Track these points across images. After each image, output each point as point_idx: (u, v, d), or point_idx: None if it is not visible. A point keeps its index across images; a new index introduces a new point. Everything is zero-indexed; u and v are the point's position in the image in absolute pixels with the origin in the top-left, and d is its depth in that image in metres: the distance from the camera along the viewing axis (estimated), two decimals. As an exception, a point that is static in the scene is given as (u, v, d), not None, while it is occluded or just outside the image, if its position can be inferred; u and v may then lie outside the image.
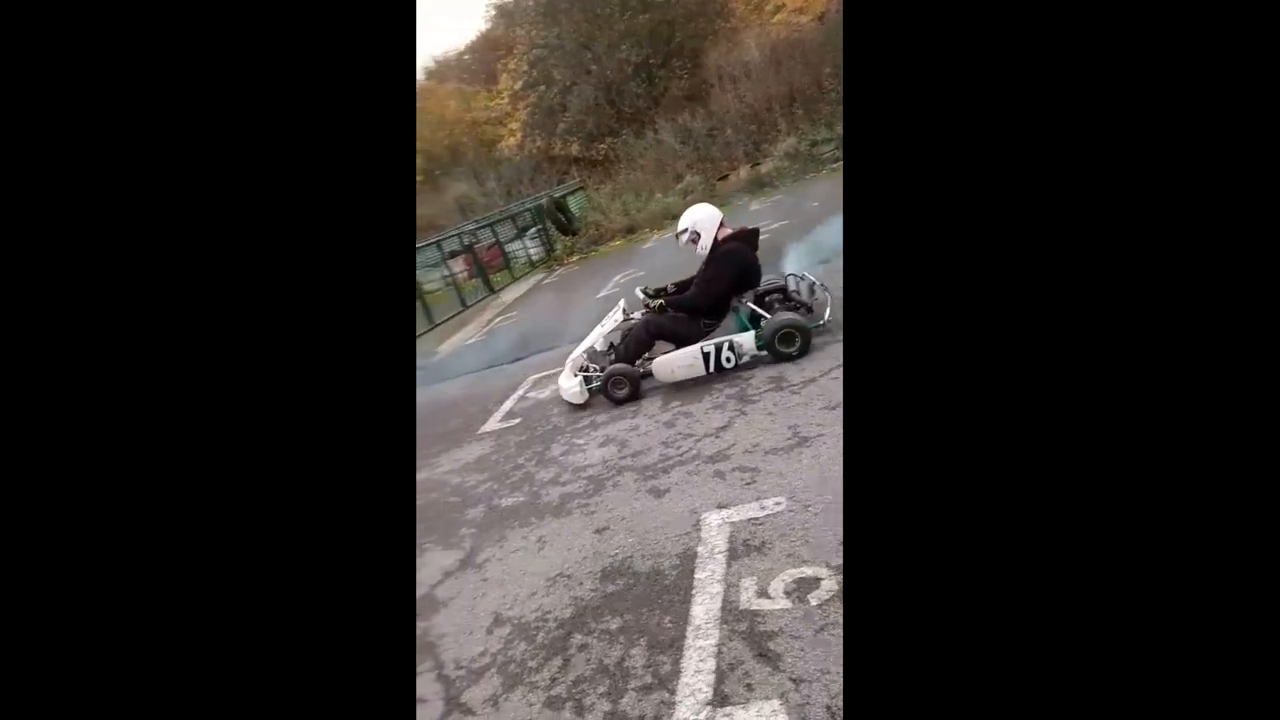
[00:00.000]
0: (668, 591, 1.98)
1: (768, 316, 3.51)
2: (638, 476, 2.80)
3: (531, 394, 4.49)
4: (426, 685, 1.98)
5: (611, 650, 1.84)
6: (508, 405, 4.33)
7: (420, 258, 9.03)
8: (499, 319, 8.22)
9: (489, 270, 10.44)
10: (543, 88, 17.99)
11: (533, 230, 11.99)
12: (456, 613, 2.31)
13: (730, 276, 3.64)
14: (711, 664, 1.63)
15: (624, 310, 3.98)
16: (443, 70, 28.77)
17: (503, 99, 21.88)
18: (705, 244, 3.70)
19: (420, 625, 2.30)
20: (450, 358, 7.14)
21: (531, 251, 11.76)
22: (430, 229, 16.98)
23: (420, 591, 2.53)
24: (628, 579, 2.13)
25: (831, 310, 3.62)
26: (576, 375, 3.83)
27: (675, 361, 3.59)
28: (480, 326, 8.11)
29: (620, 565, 2.22)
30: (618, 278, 7.87)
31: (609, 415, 3.63)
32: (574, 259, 11.27)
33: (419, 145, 25.68)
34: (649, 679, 1.68)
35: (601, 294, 7.15)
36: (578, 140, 17.54)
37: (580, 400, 3.83)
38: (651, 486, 2.67)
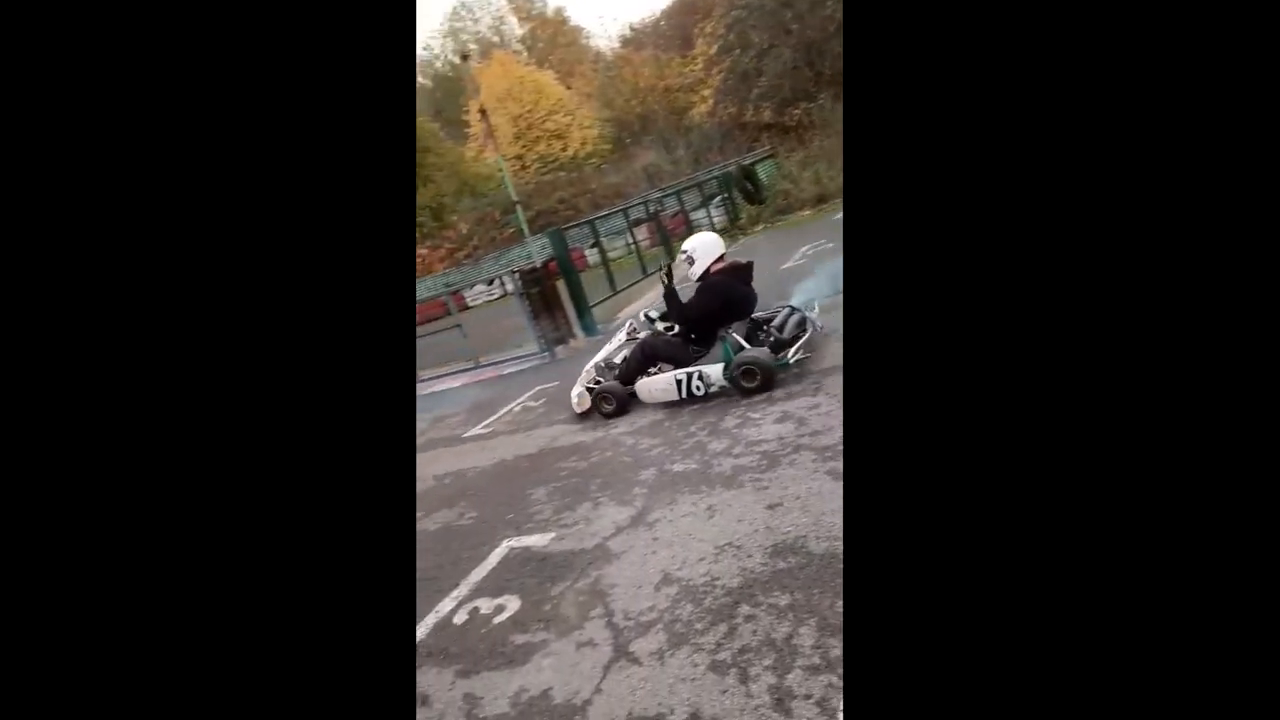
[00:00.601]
0: (841, 577, 1.93)
1: (747, 348, 3.68)
2: (816, 456, 2.73)
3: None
4: (596, 630, 2.12)
5: (779, 626, 1.84)
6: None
7: (606, 225, 9.41)
8: (679, 287, 8.35)
9: (671, 238, 10.62)
10: (738, 51, 17.71)
11: (718, 199, 11.97)
12: (627, 566, 2.43)
13: (707, 307, 3.86)
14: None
15: (628, 331, 4.41)
16: (639, 37, 29.38)
17: (696, 64, 21.89)
18: (697, 271, 3.98)
19: (593, 573, 2.46)
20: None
21: (715, 220, 11.76)
22: (618, 197, 17.59)
23: (593, 542, 2.69)
24: (800, 558, 2.11)
25: (809, 347, 3.82)
26: (581, 386, 4.25)
27: (654, 385, 3.96)
28: (660, 294, 8.31)
29: (793, 543, 2.20)
30: (805, 249, 7.62)
31: (786, 392, 3.57)
32: (759, 229, 11.09)
33: (611, 114, 26.57)
34: (817, 660, 1.66)
35: (786, 265, 6.98)
36: (771, 106, 17.10)
37: (581, 409, 4.26)
38: (831, 468, 2.60)
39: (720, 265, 3.99)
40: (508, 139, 25.75)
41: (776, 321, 3.99)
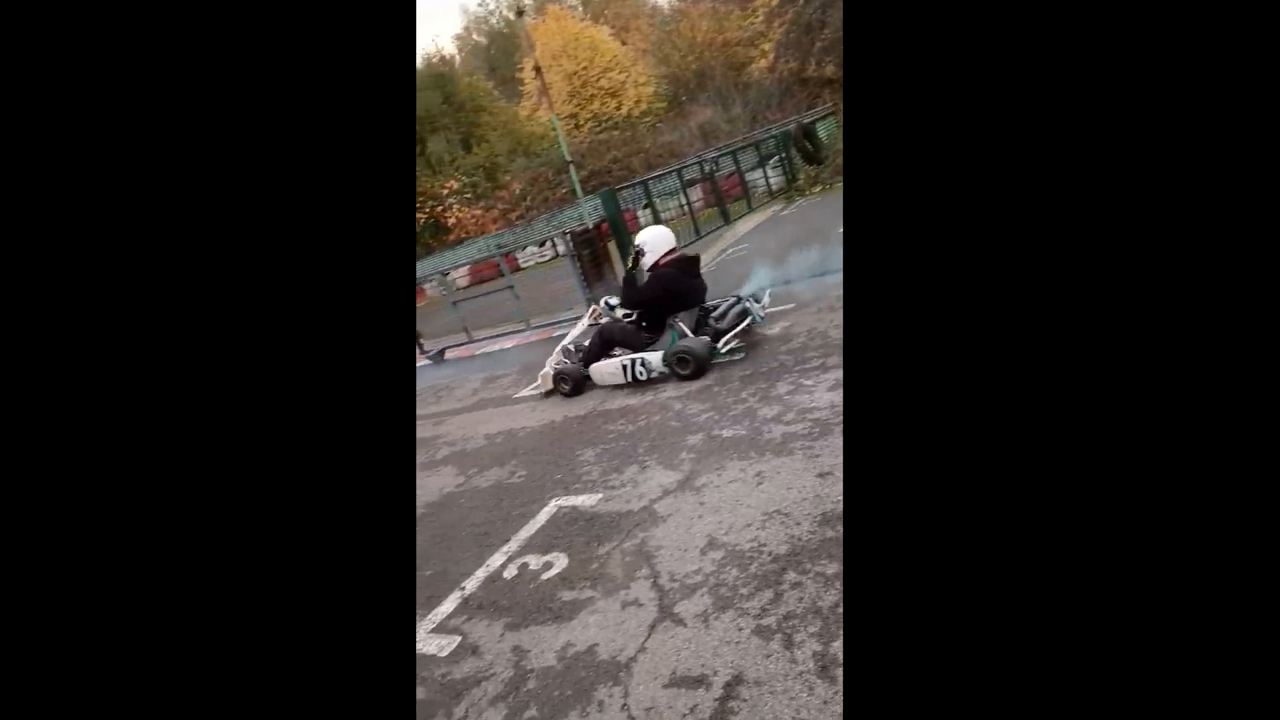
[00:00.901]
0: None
1: (689, 335, 4.05)
2: (869, 426, 2.68)
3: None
4: (642, 590, 2.15)
5: (826, 594, 1.83)
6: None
7: (659, 185, 9.29)
8: (731, 251, 8.23)
9: (726, 199, 10.43)
10: (801, 2, 17.00)
11: (775, 158, 11.66)
12: (673, 529, 2.46)
13: (655, 295, 4.26)
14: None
15: (592, 317, 4.77)
16: (697, -11, 28.48)
17: (757, 17, 21.14)
18: (647, 262, 4.36)
19: (639, 535, 2.49)
20: (682, 286, 7.36)
21: (772, 181, 11.47)
22: (672, 156, 17.32)
23: (640, 504, 2.72)
24: (849, 528, 2.08)
25: (745, 336, 4.20)
26: (549, 367, 4.63)
27: (604, 369, 4.35)
28: (711, 257, 8.21)
29: (842, 513, 2.17)
30: (864, 213, 7.37)
31: (840, 360, 3.50)
32: (817, 190, 10.78)
33: (667, 70, 26.02)
34: (864, 632, 1.65)
35: (843, 229, 6.78)
36: (834, 60, 16.42)
37: (545, 389, 4.68)
38: (884, 438, 2.54)
39: (670, 257, 4.38)
40: (562, 97, 25.56)
41: (718, 311, 4.32)
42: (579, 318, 7.32)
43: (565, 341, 4.85)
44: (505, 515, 3.10)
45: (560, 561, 2.52)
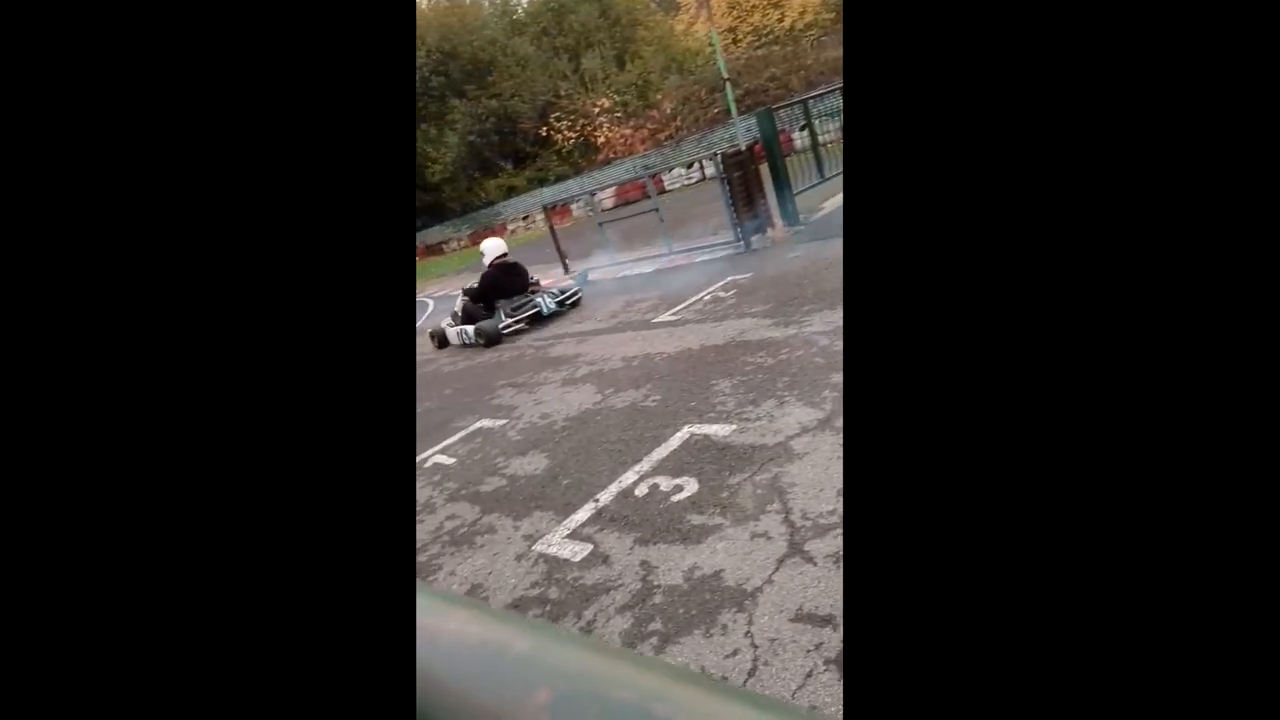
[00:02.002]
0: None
1: (502, 317, 6.54)
2: (1042, 380, 2.45)
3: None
4: (772, 524, 2.15)
5: (973, 555, 1.74)
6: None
7: (820, 105, 8.70)
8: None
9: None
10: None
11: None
12: (809, 468, 2.41)
13: (483, 288, 6.71)
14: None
15: (463, 294, 7.05)
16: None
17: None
18: (485, 262, 6.83)
19: (773, 469, 2.48)
20: (834, 214, 7.00)
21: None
22: (835, 74, 16.16)
23: (775, 439, 2.69)
24: (1007, 488, 1.94)
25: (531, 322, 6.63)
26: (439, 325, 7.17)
27: (450, 333, 6.91)
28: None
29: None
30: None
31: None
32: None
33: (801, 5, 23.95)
34: (1015, 598, 1.55)
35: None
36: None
37: (432, 343, 7.19)
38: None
39: (498, 260, 6.79)
40: (721, 9, 24.38)
41: (517, 300, 6.69)
42: (724, 243, 7.20)
43: (454, 309, 7.14)
44: (639, 436, 3.19)
45: (690, 486, 2.57)
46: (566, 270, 9.13)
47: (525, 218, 27.31)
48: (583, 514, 2.64)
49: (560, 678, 0.26)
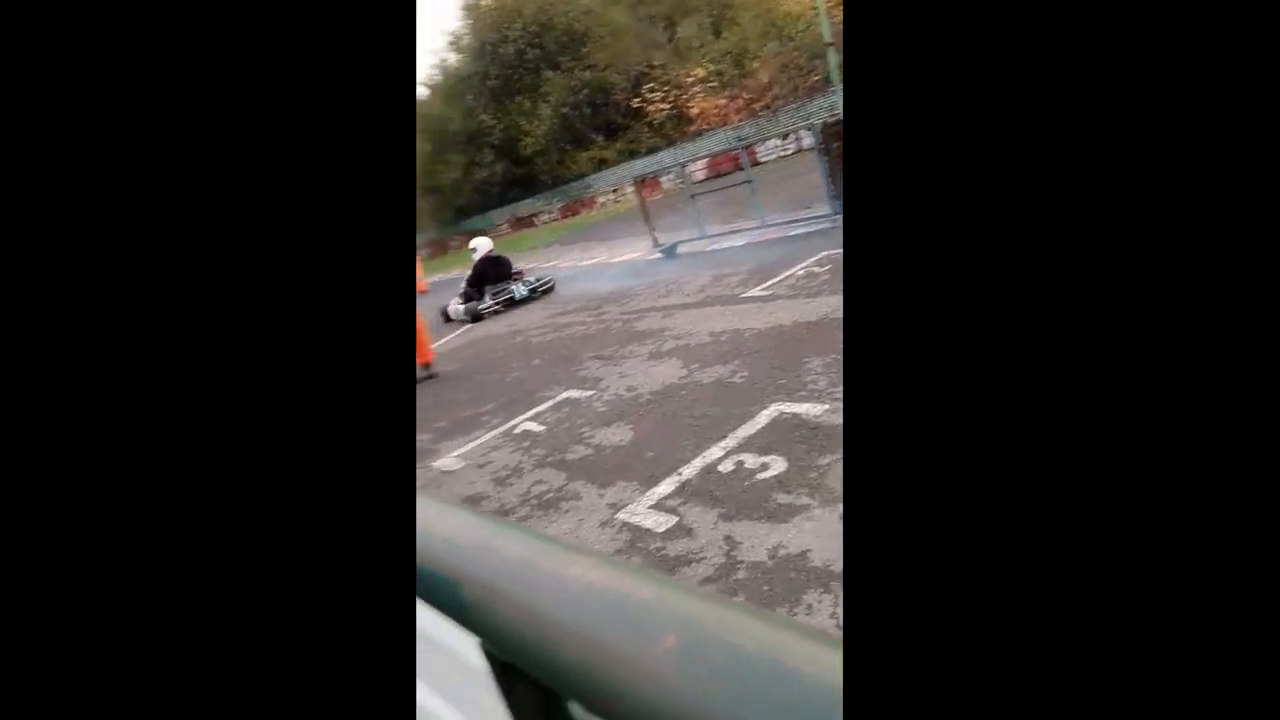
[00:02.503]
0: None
1: (485, 301, 8.60)
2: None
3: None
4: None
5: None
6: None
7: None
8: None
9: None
10: None
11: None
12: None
13: (474, 277, 8.78)
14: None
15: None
16: None
17: None
18: (476, 257, 8.86)
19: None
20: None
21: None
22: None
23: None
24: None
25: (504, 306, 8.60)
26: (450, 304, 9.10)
27: (451, 310, 8.88)
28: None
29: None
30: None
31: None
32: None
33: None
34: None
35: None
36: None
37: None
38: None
39: (484, 255, 8.89)
40: (825, -31, 23.39)
41: (510, 286, 8.70)
42: (820, 217, 7.00)
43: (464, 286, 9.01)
44: (725, 413, 3.19)
45: (778, 465, 2.54)
46: (655, 243, 9.13)
47: (615, 190, 27.46)
48: (666, 486, 2.67)
49: (684, 625, 0.26)
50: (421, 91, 37.74)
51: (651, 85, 26.95)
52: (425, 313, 6.85)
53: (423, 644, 0.58)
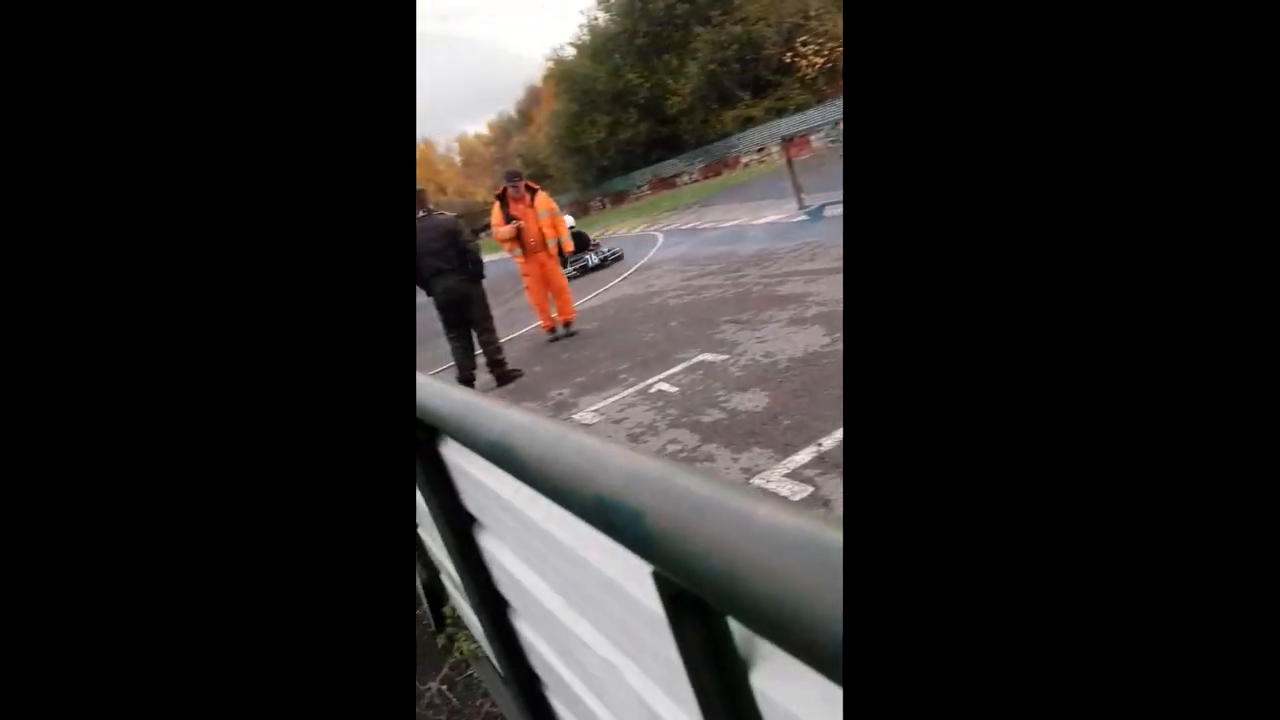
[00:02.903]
0: None
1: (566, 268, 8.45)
2: None
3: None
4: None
5: None
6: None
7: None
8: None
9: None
10: None
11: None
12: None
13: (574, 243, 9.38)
14: None
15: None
16: None
17: None
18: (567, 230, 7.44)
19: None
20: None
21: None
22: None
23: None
24: None
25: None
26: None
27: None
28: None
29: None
30: None
31: None
32: None
33: None
34: None
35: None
36: None
37: None
38: None
39: (571, 230, 8.65)
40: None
41: (574, 256, 9.88)
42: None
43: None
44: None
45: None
46: (801, 205, 8.84)
47: (759, 150, 26.75)
48: (803, 455, 2.64)
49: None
50: (568, 51, 38.51)
51: (805, 38, 25.76)
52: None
53: (596, 572, 0.62)
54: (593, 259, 10.66)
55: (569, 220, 9.67)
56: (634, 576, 0.52)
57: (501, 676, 1.68)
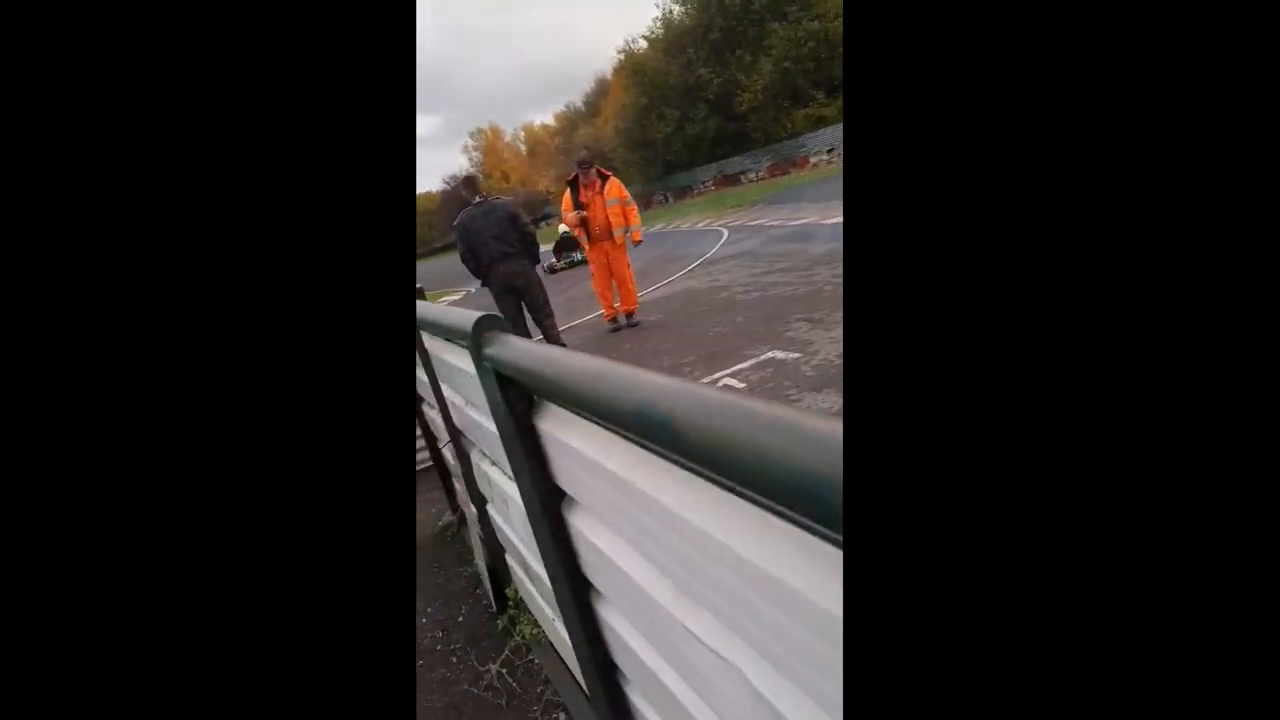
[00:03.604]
0: None
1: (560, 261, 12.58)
2: None
3: None
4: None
5: None
6: None
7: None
8: None
9: None
10: None
11: None
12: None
13: (557, 245, 12.68)
14: None
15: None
16: None
17: None
18: (561, 231, 11.53)
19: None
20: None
21: None
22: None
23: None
24: None
25: None
26: None
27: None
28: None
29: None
30: None
31: None
32: None
33: None
34: None
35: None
36: None
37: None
38: None
39: (564, 233, 11.41)
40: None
41: (568, 254, 12.60)
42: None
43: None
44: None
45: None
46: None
47: (829, 150, 26.22)
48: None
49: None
50: (640, 44, 38.47)
51: (885, 37, 25.06)
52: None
53: (737, 556, 0.57)
54: (579, 256, 11.56)
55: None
56: (802, 567, 0.45)
57: (567, 664, 1.64)
